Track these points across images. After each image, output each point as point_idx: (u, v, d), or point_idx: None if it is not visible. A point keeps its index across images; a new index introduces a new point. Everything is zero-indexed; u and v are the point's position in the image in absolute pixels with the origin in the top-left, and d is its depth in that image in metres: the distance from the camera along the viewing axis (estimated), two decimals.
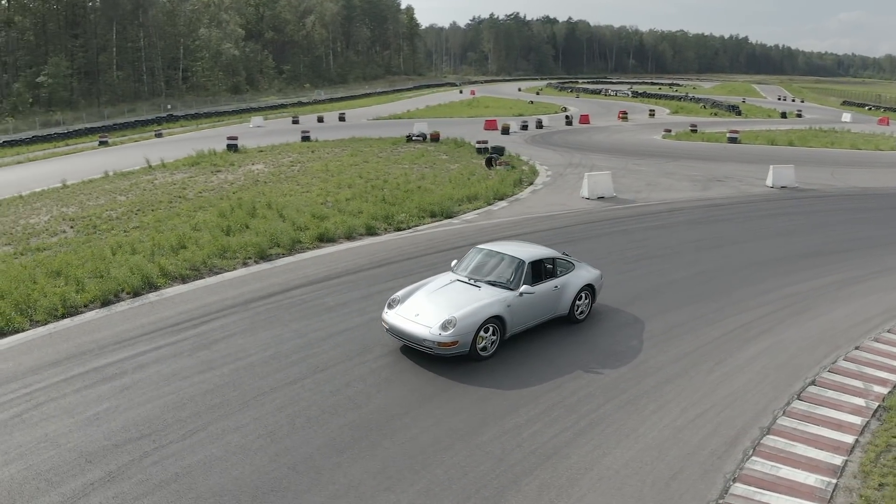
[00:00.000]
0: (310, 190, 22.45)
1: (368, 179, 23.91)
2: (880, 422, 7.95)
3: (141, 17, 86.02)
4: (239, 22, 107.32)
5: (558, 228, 17.09)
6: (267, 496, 6.29)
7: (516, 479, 6.63)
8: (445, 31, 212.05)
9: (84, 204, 21.81)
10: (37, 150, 46.06)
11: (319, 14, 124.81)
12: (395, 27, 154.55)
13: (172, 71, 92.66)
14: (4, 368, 8.71)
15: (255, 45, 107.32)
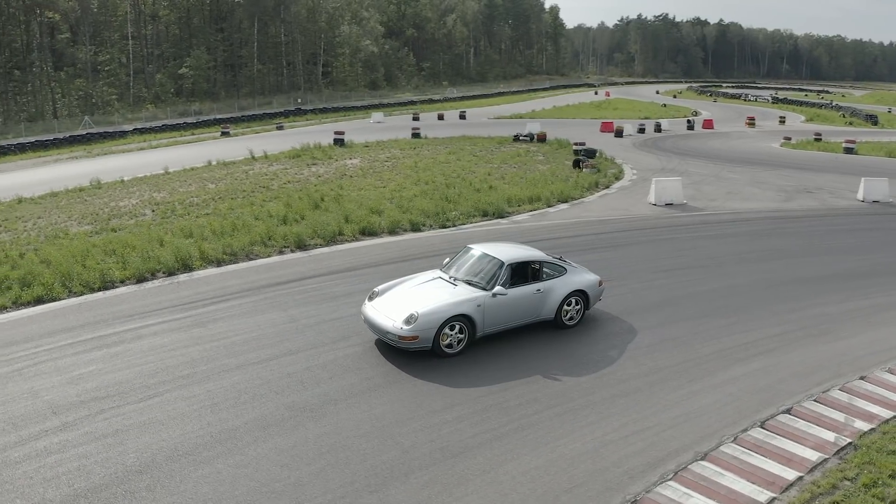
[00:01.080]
0: (386, 185, 23.52)
1: (448, 177, 24.61)
2: (840, 461, 7.37)
3: (282, 13, 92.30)
4: (379, 19, 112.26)
5: (603, 234, 16.80)
6: (179, 459, 7.10)
7: (409, 472, 6.96)
8: (593, 31, 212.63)
9: (175, 190, 24.32)
10: (162, 138, 51.22)
11: (461, 13, 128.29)
12: (539, 26, 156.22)
13: (312, 66, 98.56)
14: (26, 330, 10.29)
15: (394, 42, 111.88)
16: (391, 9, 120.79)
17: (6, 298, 11.40)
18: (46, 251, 14.35)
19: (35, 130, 55.12)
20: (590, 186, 22.54)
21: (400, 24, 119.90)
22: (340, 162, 30.74)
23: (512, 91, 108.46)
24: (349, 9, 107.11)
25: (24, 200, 22.42)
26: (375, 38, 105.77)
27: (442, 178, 24.55)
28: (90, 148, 46.31)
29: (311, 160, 31.63)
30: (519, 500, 6.58)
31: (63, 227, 17.77)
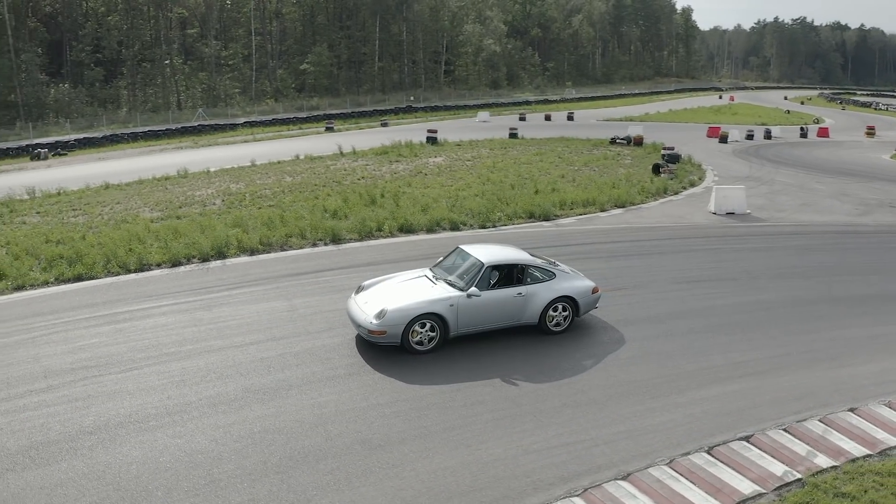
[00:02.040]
0: (454, 184, 24.04)
1: (519, 177, 24.84)
2: (777, 497, 6.96)
3: (405, 11, 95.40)
4: (502, 19, 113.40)
5: (643, 241, 16.36)
6: (128, 425, 7.96)
7: (322, 459, 7.36)
8: (728, 33, 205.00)
9: (252, 182, 26.15)
10: (269, 132, 54.65)
11: (587, 13, 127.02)
12: (669, 28, 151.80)
13: (434, 64, 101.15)
14: (55, 304, 11.76)
15: (517, 41, 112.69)
16: (516, 8, 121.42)
17: (50, 275, 13.05)
18: (106, 234, 16.11)
19: (156, 121, 60.61)
20: (657, 192, 21.86)
21: (525, 24, 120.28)
22: (423, 160, 31.64)
23: (634, 93, 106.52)
24: (474, 8, 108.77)
25: (111, 187, 25.01)
26: (498, 38, 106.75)
27: (512, 178, 24.76)
28: (199, 139, 50.37)
29: (396, 157, 32.79)
30: (411, 496, 6.83)
31: (134, 213, 19.77)
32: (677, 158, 27.73)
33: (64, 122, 56.42)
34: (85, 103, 65.66)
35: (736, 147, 39.15)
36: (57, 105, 61.90)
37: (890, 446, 7.82)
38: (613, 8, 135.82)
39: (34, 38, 65.56)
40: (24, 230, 17.16)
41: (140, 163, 34.29)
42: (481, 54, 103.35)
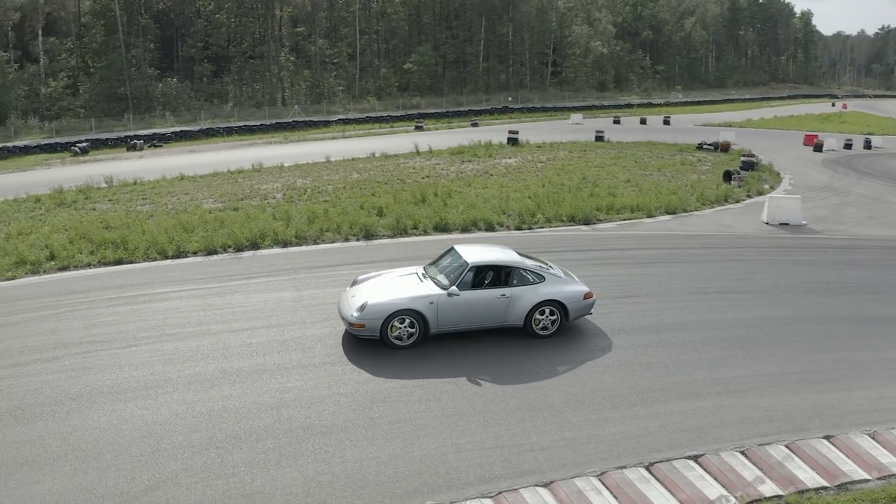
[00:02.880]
0: (515, 185, 24.24)
1: (583, 180, 24.66)
2: None
3: (511, 12, 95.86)
4: (611, 20, 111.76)
5: (677, 249, 15.88)
6: (107, 395, 8.83)
7: (263, 439, 7.88)
8: (851, 39, 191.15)
9: (319, 177, 27.40)
10: (360, 130, 56.57)
11: (700, 15, 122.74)
12: (787, 32, 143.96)
13: (541, 66, 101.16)
14: (89, 284, 13.08)
15: (625, 43, 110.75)
16: (626, 10, 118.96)
17: (94, 258, 14.48)
18: (158, 222, 17.58)
19: (257, 116, 64.19)
20: (717, 200, 21.04)
21: (635, 26, 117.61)
22: (496, 161, 31.94)
23: (743, 98, 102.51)
24: (583, 9, 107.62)
25: (185, 178, 27.00)
26: (606, 39, 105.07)
27: (575, 181, 24.64)
28: (290, 135, 52.94)
29: (470, 157, 33.29)
30: (328, 481, 7.18)
31: (196, 204, 21.34)
32: (752, 166, 26.61)
33: (168, 115, 61.01)
34: (191, 97, 70.56)
35: (829, 156, 36.92)
36: (164, 99, 66.85)
37: (852, 480, 7.35)
38: (728, 10, 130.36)
39: (146, 34, 71.12)
40: (89, 216, 19.00)
41: (224, 156, 36.62)
42: (588, 56, 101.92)
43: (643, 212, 19.15)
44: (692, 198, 20.90)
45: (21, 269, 13.72)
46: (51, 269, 13.94)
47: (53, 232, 16.71)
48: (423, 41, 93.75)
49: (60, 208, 20.76)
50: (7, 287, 13.01)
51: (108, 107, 62.34)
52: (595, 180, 24.83)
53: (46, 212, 20.21)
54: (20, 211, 20.46)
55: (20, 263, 13.92)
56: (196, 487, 7.04)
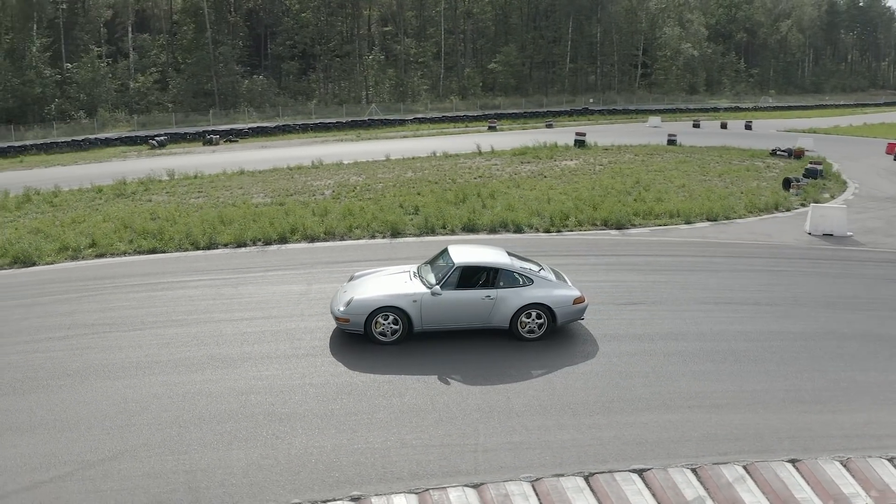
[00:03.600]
0: (565, 187, 24.13)
1: (637, 183, 24.34)
2: None
3: (600, 13, 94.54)
4: (703, 22, 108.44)
5: (703, 257, 15.43)
6: (99, 372, 9.59)
7: (223, 421, 8.36)
8: None
9: (373, 176, 28.12)
10: (433, 129, 57.30)
11: (797, 18, 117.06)
12: (888, 37, 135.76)
13: (631, 67, 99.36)
14: (117, 270, 14.12)
15: (717, 46, 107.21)
16: (720, 12, 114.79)
17: (131, 246, 15.58)
18: (204, 214, 18.65)
19: (339, 114, 66.18)
20: (766, 207, 20.22)
21: (729, 28, 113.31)
22: (556, 162, 31.81)
23: (837, 104, 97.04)
24: (675, 10, 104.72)
25: (245, 173, 28.34)
26: (698, 42, 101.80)
27: (628, 185, 24.26)
28: (363, 133, 54.33)
29: (531, 158, 33.32)
30: (268, 465, 7.54)
31: (246, 198, 22.44)
32: (816, 173, 25.38)
33: (251, 111, 63.91)
34: (276, 94, 73.51)
35: None
36: (249, 95, 70.02)
37: None
38: (826, 14, 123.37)
39: (234, 32, 74.64)
40: (142, 207, 20.40)
41: (292, 152, 38.08)
42: (679, 58, 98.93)
43: (682, 218, 18.60)
44: (739, 205, 20.10)
45: (62, 255, 14.99)
46: (89, 255, 15.15)
47: (104, 221, 18.06)
48: (509, 41, 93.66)
49: (119, 199, 22.39)
50: (45, 270, 14.27)
51: (195, 102, 65.99)
52: (648, 185, 24.29)
53: (105, 202, 21.86)
54: (81, 200, 22.23)
55: (63, 249, 15.20)
56: (148, 461, 7.59)
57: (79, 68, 59.74)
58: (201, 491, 7.14)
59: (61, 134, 49.73)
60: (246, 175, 28.32)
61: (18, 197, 22.87)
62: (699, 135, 47.27)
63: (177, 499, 7.02)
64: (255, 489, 7.17)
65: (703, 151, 35.90)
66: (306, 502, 7.01)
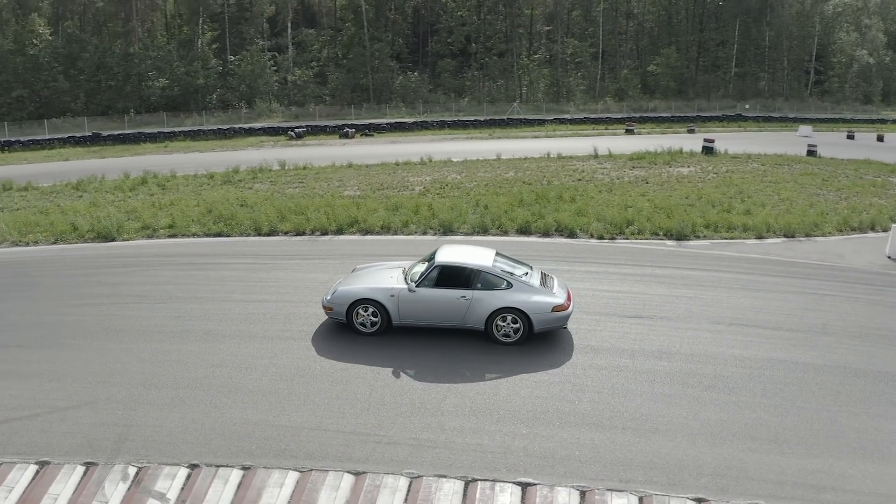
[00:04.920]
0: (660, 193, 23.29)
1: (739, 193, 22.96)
2: None
3: (769, 16, 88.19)
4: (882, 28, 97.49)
5: (745, 274, 14.34)
6: (103, 334, 11.04)
7: (180, 388, 9.39)
8: None
9: (472, 174, 28.57)
10: (567, 130, 56.52)
11: None
12: None
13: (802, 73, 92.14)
14: (176, 250, 15.83)
15: None
16: None
17: (199, 229, 17.35)
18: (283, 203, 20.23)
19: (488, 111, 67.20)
20: (859, 226, 18.32)
21: None
22: (669, 169, 30.53)
23: None
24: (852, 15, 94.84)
25: (351, 166, 29.95)
26: (875, 49, 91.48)
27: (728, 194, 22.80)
28: (496, 131, 54.81)
29: (646, 164, 32.26)
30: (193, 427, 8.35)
31: (339, 190, 23.86)
32: None
33: (401, 106, 66.75)
34: (429, 91, 76.05)
35: None
36: (402, 91, 73.05)
37: None
38: None
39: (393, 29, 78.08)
40: (240, 194, 22.47)
41: (414, 148, 39.29)
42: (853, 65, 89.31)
43: (754, 232, 17.20)
44: (831, 222, 18.19)
45: (140, 233, 17.09)
46: (162, 234, 17.11)
47: (196, 205, 20.20)
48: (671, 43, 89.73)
49: (225, 185, 24.82)
50: (119, 246, 16.44)
51: (352, 96, 70.13)
52: (748, 195, 22.58)
53: (210, 187, 24.32)
54: (190, 185, 24.91)
55: (143, 228, 17.31)
56: (101, 413, 8.72)
57: (241, 60, 65.83)
58: (126, 442, 8.11)
59: (219, 122, 55.36)
60: (352, 168, 29.97)
61: (136, 179, 26.06)
62: (848, 147, 42.84)
63: (103, 446, 8.03)
64: (167, 447, 8.01)
65: (838, 164, 32.45)
66: (203, 465, 7.72)
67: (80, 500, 7.19)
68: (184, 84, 61.64)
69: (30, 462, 7.73)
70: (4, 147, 46.36)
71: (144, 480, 7.48)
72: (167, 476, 7.55)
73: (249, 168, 28.66)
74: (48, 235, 17.06)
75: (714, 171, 28.86)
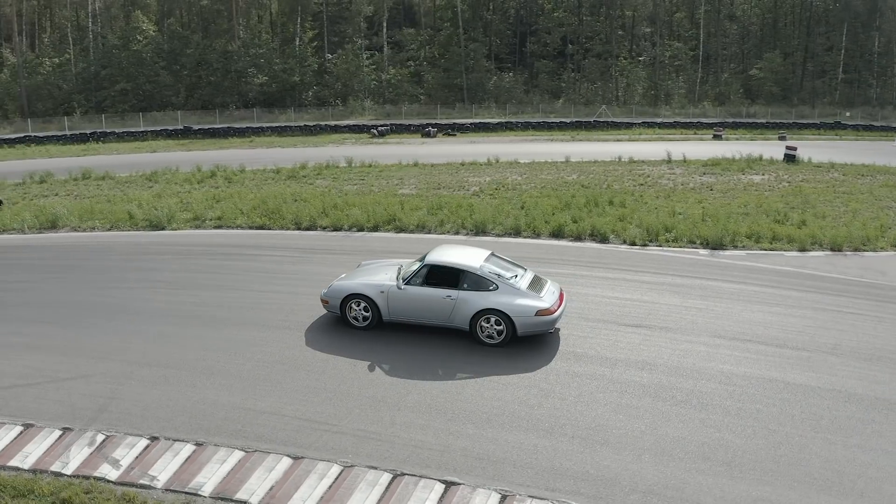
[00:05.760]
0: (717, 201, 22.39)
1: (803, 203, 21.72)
2: None
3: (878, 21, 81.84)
4: None
5: (768, 287, 13.54)
6: (123, 311, 11.97)
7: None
8: None
9: (534, 176, 28.36)
10: (652, 134, 54.68)
11: None
12: None
13: None
14: (219, 241, 16.78)
15: None
16: None
17: (244, 221, 18.32)
18: (331, 199, 20.98)
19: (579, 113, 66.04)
20: None
21: None
22: (741, 177, 29.14)
23: None
24: None
25: (417, 165, 30.41)
26: None
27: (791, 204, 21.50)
28: (580, 134, 53.86)
29: (719, 170, 30.90)
30: (174, 404, 8.99)
31: (395, 189, 24.39)
32: None
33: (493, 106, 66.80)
34: (523, 91, 75.65)
35: None
36: (496, 91, 73.03)
37: None
38: None
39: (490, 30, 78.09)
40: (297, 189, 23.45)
41: (489, 148, 38.93)
42: None
43: (797, 244, 16.15)
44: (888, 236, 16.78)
45: (188, 224, 18.25)
46: (209, 225, 18.19)
47: (252, 198, 21.28)
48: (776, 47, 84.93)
49: (289, 180, 25.95)
50: (166, 235, 17.74)
51: (446, 96, 70.83)
52: (812, 206, 21.20)
53: (274, 182, 25.48)
54: (254, 179, 26.23)
55: (193, 219, 18.47)
56: (93, 385, 9.53)
57: (338, 59, 68.03)
58: (104, 413, 8.86)
59: (312, 119, 57.39)
60: (416, 167, 30.43)
61: (206, 172, 27.66)
62: None
63: (84, 414, 8.81)
64: (138, 419, 8.68)
65: None
66: (162, 438, 8.30)
67: (45, 459, 7.94)
68: (280, 81, 64.35)
69: (17, 423, 8.57)
70: (101, 138, 49.72)
71: (107, 447, 8.13)
72: (128, 445, 8.19)
73: (317, 164, 29.74)
74: (105, 222, 18.57)
75: (788, 180, 27.20)
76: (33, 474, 7.69)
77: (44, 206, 20.63)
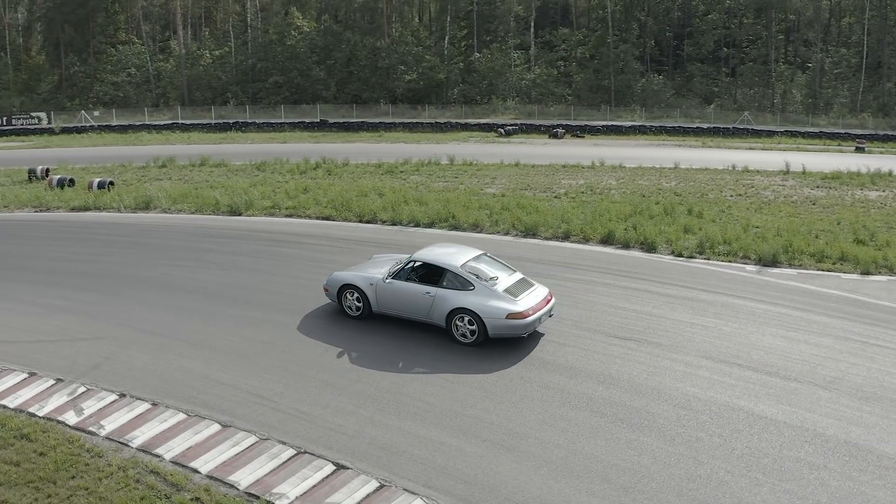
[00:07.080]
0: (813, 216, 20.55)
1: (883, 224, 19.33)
2: None
3: None
4: None
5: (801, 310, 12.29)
6: (148, 288, 13.38)
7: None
8: None
9: (630, 181, 27.27)
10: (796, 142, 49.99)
11: None
12: None
13: None
14: (279, 228, 18.01)
15: None
16: None
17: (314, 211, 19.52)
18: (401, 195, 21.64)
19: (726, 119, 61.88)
20: None
21: None
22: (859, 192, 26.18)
23: None
24: None
25: (518, 165, 30.25)
26: None
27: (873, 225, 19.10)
28: (713, 140, 50.51)
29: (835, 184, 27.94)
30: (162, 373, 10.07)
31: (482, 188, 24.62)
32: None
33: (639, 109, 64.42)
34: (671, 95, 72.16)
35: None
36: (644, 94, 70.25)
37: None
38: None
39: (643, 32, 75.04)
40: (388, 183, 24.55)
41: (607, 151, 37.43)
42: None
43: (862, 266, 14.36)
44: None
45: (263, 211, 19.76)
46: (281, 214, 19.57)
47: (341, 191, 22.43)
48: None
49: (386, 175, 27.08)
50: (239, 220, 19.30)
51: (592, 97, 69.43)
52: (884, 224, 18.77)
53: (371, 175, 26.67)
54: (354, 173, 27.58)
55: (270, 207, 19.96)
56: (94, 346, 10.86)
57: (484, 57, 68.83)
58: (96, 370, 10.16)
59: (453, 116, 58.39)
60: (515, 167, 30.19)
61: (311, 164, 29.35)
62: None
63: (79, 370, 10.15)
64: (120, 378, 9.88)
65: None
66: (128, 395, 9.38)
67: (29, 402, 9.27)
68: (427, 78, 66.09)
69: (24, 372, 10.02)
70: (241, 127, 52.44)
71: (80, 398, 9.30)
72: (98, 398, 9.33)
73: (418, 161, 30.56)
74: (192, 206, 20.54)
75: None
76: (14, 412, 8.98)
77: (144, 189, 23.06)
